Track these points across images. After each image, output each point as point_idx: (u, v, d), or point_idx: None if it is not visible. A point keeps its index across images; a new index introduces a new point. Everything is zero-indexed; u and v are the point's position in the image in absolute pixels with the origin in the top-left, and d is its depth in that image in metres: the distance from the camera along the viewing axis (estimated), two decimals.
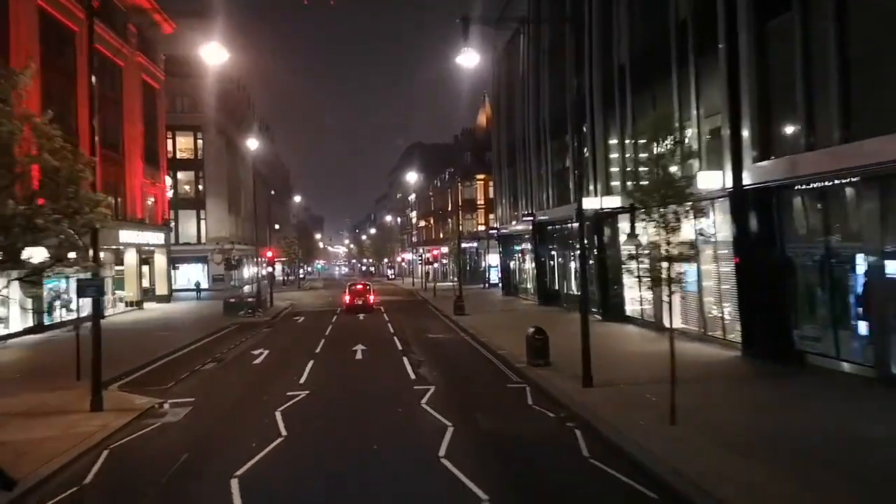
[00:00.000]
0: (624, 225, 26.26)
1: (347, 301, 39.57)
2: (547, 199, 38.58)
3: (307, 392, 16.51)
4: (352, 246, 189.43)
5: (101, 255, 17.85)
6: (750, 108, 18.28)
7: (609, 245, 29.18)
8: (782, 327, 18.05)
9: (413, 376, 18.47)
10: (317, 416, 14.27)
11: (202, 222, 65.77)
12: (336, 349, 23.95)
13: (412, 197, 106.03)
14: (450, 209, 76.01)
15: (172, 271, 64.06)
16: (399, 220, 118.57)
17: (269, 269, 42.06)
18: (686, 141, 20.79)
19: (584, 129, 30.66)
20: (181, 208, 65.31)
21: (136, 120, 41.58)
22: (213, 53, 18.53)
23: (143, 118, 42.46)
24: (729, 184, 19.07)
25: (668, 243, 11.90)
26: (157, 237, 44.60)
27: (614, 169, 29.01)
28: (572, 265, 35.82)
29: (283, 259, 78.35)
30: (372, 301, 40.00)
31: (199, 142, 65.72)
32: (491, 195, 68.71)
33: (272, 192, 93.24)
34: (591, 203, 27.97)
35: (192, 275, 66.46)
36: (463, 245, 69.85)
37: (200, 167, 65.34)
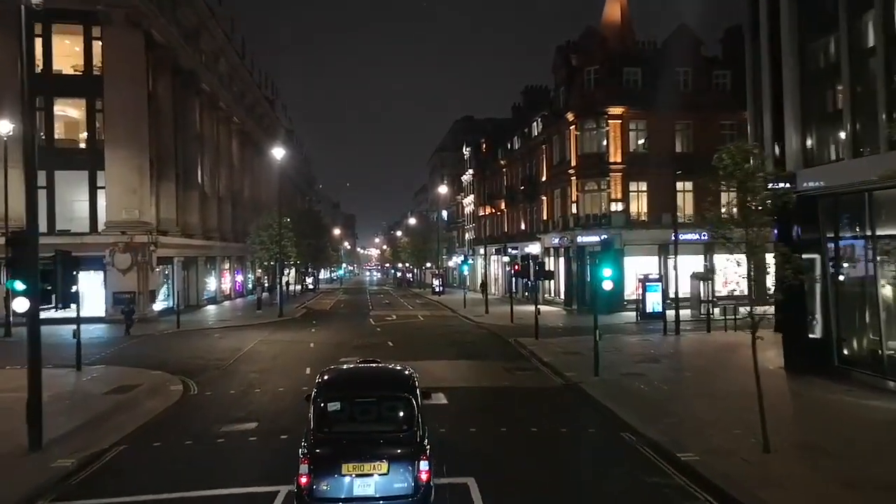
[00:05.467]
0: None
1: None
2: None
3: None
4: (384, 247, 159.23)
5: None
6: None
7: None
8: None
9: None
10: None
11: (99, 194, 35.51)
12: None
13: (467, 176, 74.73)
14: (544, 177, 44.41)
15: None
16: (445, 212, 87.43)
17: None
18: None
19: None
20: (58, 167, 35.17)
21: None
22: None
23: None
24: None
25: None
26: None
27: None
28: None
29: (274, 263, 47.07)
30: None
31: (97, 44, 35.57)
32: (632, 144, 37.06)
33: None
34: None
35: (86, 288, 36.39)
36: (580, 240, 38.23)
37: (97, 92, 35.08)
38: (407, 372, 9.07)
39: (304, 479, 7.47)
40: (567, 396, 15.50)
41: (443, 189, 74.63)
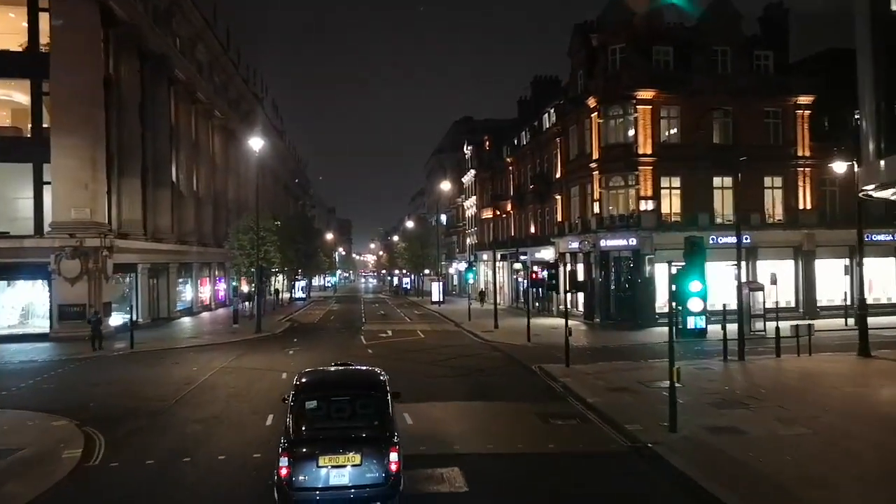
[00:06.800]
0: None
1: None
2: None
3: None
4: (381, 253, 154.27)
5: None
6: None
7: None
8: None
9: None
10: None
11: (45, 190, 30.48)
12: None
13: (469, 176, 69.87)
14: (559, 174, 39.44)
15: None
16: (444, 216, 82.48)
17: None
18: None
19: None
20: None
21: None
22: None
23: None
24: None
25: None
26: None
27: None
28: None
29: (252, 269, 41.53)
30: None
31: (44, 17, 30.58)
32: (663, 133, 32.37)
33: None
34: None
35: (28, 300, 31.26)
36: (603, 244, 33.35)
37: (44, 72, 30.08)
38: (381, 376, 9.59)
39: (283, 471, 8.12)
40: (647, 474, 10.43)
41: (445, 185, 69.38)
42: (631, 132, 32.25)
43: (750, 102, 32.68)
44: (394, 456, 8.27)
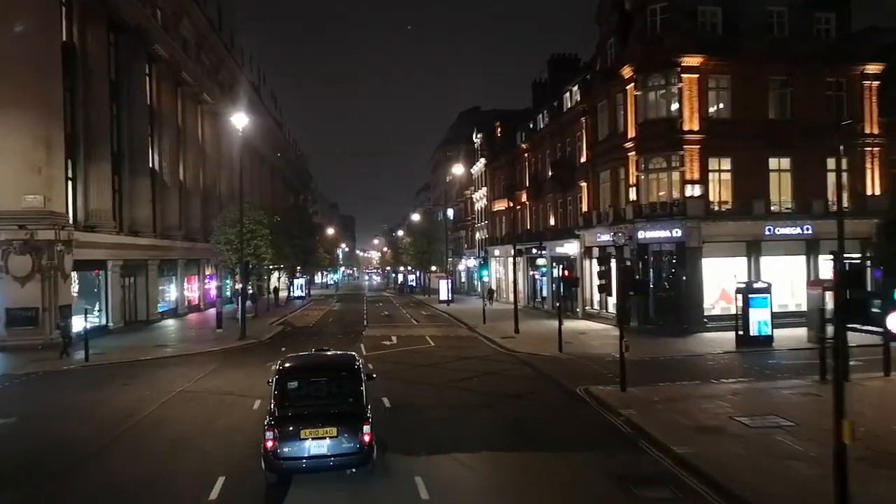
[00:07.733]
0: None
1: None
2: None
3: None
4: (385, 249, 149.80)
5: None
6: None
7: None
8: None
9: None
10: None
11: None
12: None
13: (478, 166, 65.24)
14: (584, 158, 34.79)
15: None
16: (451, 210, 77.88)
17: None
18: None
19: None
20: None
21: None
22: None
23: None
24: None
25: None
26: None
27: None
28: None
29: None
30: None
31: None
32: (712, 107, 27.83)
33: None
34: None
35: None
36: (641, 236, 28.87)
37: None
38: (355, 360, 10.70)
39: (270, 444, 9.28)
40: None
41: (457, 169, 64.65)
42: (674, 106, 27.71)
43: (810, 71, 28.14)
44: (366, 429, 9.44)
